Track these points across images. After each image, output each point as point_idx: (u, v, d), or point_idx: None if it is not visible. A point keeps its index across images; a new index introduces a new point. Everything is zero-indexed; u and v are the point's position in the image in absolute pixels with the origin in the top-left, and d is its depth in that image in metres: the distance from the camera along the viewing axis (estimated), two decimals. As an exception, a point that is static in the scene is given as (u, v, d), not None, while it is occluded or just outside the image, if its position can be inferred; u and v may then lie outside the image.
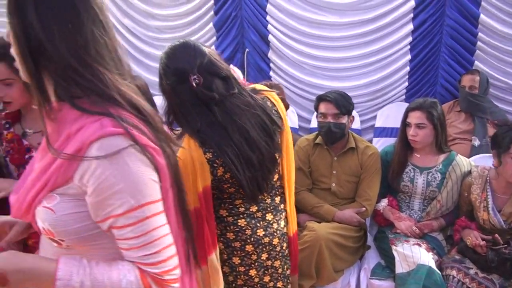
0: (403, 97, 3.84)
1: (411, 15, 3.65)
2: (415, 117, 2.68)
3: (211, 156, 1.61)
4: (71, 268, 0.97)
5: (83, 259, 1.00)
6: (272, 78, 3.81)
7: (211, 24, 3.95)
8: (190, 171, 1.55)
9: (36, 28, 0.95)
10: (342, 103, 2.72)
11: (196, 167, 1.56)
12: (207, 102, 1.57)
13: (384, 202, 2.87)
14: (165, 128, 1.16)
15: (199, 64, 1.55)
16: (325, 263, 2.52)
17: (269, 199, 1.86)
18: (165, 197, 1.03)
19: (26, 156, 1.73)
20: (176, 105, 1.59)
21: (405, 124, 2.76)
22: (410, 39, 3.71)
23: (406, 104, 3.60)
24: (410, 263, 2.49)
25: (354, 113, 2.85)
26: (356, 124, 3.60)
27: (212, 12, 3.93)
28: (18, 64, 1.02)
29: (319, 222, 2.70)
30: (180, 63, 1.55)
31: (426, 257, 2.47)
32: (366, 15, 3.66)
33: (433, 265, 2.42)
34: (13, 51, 1.01)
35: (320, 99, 2.78)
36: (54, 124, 1.02)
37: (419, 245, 2.61)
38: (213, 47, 3.96)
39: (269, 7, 3.75)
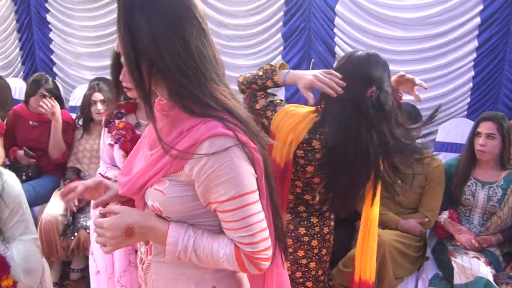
0: (465, 113, 3.86)
1: (476, 32, 3.67)
2: (486, 127, 2.76)
3: (319, 145, 1.82)
4: (178, 235, 1.16)
5: (189, 228, 1.18)
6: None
7: (279, 35, 4.08)
8: (286, 135, 1.79)
9: (147, 45, 1.08)
10: (412, 114, 2.82)
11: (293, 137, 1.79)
12: (361, 112, 1.76)
13: (445, 215, 2.94)
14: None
15: (382, 85, 1.76)
16: (387, 268, 2.61)
17: (318, 205, 2.01)
18: (260, 188, 1.17)
19: None
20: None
21: (473, 134, 2.83)
22: (474, 55, 3.72)
23: (468, 120, 3.67)
24: (469, 275, 2.55)
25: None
26: (417, 137, 3.66)
27: (281, 23, 4.06)
28: (126, 71, 1.17)
29: (383, 229, 2.79)
30: (374, 71, 1.76)
31: (484, 270, 2.53)
32: (431, 30, 3.70)
33: (491, 278, 2.48)
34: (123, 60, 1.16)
35: None
36: (165, 120, 1.18)
37: (478, 258, 2.67)
38: (280, 56, 4.12)
39: (337, 20, 3.86)
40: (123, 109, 1.97)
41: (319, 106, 1.87)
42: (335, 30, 3.89)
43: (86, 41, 4.91)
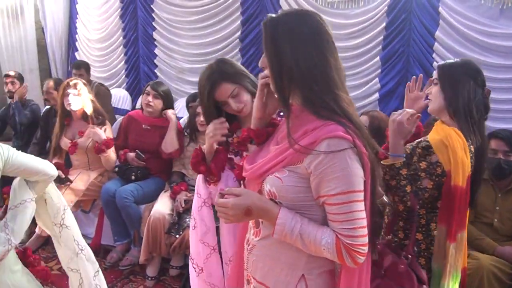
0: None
1: None
2: None
3: (473, 148, 1.99)
4: (286, 218, 1.34)
5: (297, 214, 1.36)
6: (433, 113, 3.92)
7: (377, 58, 4.20)
8: (461, 155, 1.91)
9: (290, 60, 1.32)
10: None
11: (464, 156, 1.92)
12: (485, 112, 2.02)
13: (542, 245, 2.89)
14: None
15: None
16: (483, 291, 2.61)
17: None
18: (365, 190, 1.33)
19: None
20: (462, 100, 1.98)
21: None
22: None
23: None
24: None
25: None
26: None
27: (380, 47, 4.17)
28: (270, 80, 1.43)
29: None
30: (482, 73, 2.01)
31: None
32: (531, 59, 3.68)
33: None
34: (267, 72, 1.42)
35: (492, 135, 2.88)
36: (295, 121, 1.38)
37: None
38: (377, 79, 4.23)
39: (436, 46, 3.92)
40: (231, 129, 2.12)
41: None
42: (434, 55, 3.94)
43: (189, 58, 5.26)
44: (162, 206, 3.43)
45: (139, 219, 3.55)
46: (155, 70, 5.57)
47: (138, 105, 5.43)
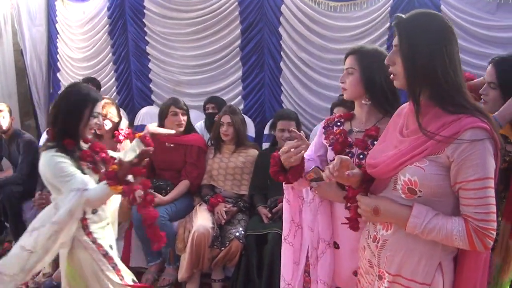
0: None
1: None
2: None
3: None
4: (417, 221, 1.47)
5: (429, 212, 1.47)
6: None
7: (382, 57, 4.29)
8: None
9: (424, 59, 1.44)
10: None
11: None
12: None
13: None
14: None
15: None
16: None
17: None
18: (494, 178, 1.44)
19: (346, 150, 1.99)
20: None
21: None
22: None
23: None
24: None
25: None
26: None
27: (385, 46, 4.22)
28: (400, 76, 1.52)
29: None
30: None
31: None
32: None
33: None
34: (396, 68, 1.53)
35: None
36: (427, 116, 1.49)
37: None
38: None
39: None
40: (343, 118, 2.12)
41: None
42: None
43: (186, 70, 5.21)
44: (204, 220, 3.41)
45: (174, 236, 3.51)
46: (150, 85, 5.49)
47: (136, 122, 5.38)
